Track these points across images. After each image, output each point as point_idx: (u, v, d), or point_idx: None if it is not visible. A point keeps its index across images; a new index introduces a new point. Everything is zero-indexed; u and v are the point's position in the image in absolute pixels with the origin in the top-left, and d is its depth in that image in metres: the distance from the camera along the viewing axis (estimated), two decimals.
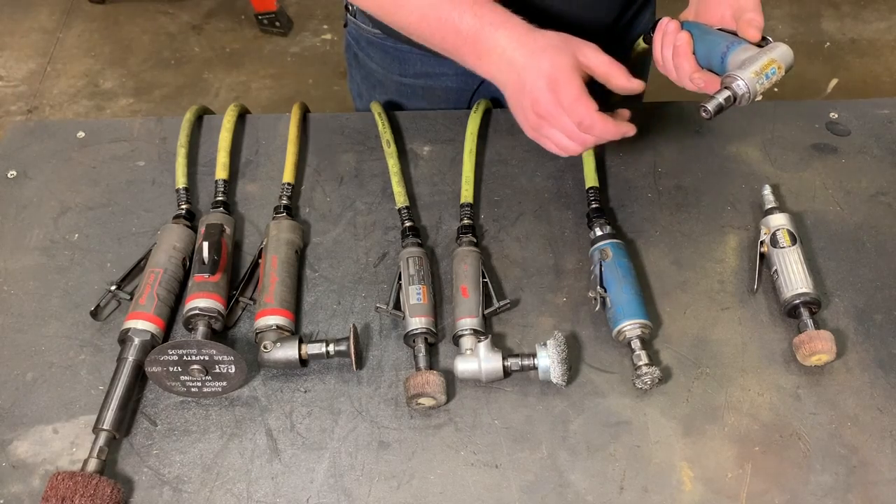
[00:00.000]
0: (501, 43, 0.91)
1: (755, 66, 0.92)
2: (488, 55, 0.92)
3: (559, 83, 0.89)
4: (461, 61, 0.97)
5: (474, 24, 0.91)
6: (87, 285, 1.06)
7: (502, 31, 0.91)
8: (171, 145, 1.22)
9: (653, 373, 0.91)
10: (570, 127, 0.91)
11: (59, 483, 0.83)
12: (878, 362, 0.95)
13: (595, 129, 0.90)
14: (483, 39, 0.91)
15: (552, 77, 0.89)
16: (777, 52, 0.94)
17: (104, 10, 3.41)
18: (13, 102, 3.03)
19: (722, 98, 0.93)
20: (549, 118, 0.91)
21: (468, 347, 0.94)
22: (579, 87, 0.89)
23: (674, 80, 1.04)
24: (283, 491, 0.87)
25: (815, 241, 1.08)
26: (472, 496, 0.86)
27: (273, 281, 1.00)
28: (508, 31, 0.91)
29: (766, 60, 0.93)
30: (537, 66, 0.89)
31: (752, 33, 0.96)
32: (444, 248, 1.09)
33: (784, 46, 0.95)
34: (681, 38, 1.00)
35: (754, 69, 0.92)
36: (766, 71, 0.92)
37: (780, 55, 0.94)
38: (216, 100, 2.98)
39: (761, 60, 0.93)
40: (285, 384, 0.96)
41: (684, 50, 1.00)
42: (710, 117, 0.94)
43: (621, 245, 1.03)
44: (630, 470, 0.87)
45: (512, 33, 0.91)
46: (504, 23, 0.92)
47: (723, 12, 1.01)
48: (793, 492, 0.85)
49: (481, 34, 0.91)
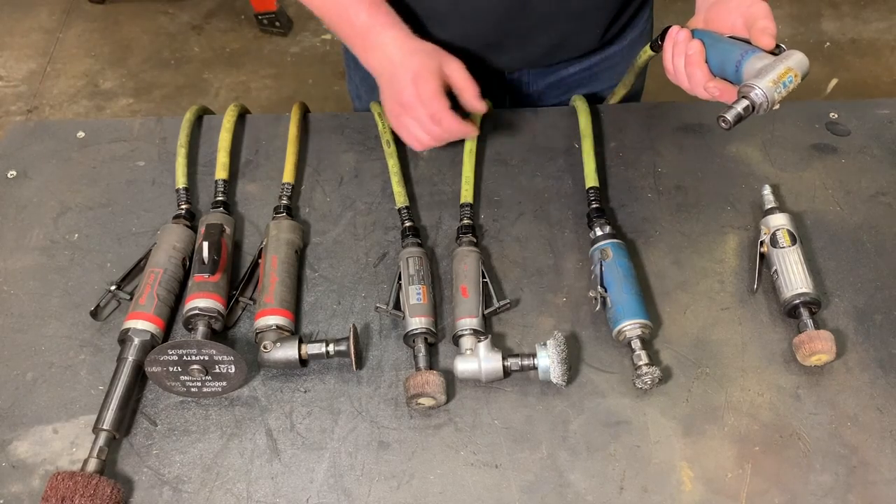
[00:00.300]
0: (386, 42, 1.06)
1: (772, 75, 0.91)
2: (373, 50, 1.07)
3: (421, 80, 1.03)
4: (350, 48, 1.12)
5: (367, 21, 1.06)
6: (87, 285, 1.06)
7: (389, 32, 1.06)
8: (171, 145, 1.22)
9: (653, 373, 0.91)
10: (425, 118, 1.04)
11: (59, 483, 0.83)
12: (878, 362, 0.95)
13: (443, 122, 1.04)
14: (372, 36, 1.06)
15: (417, 74, 1.03)
16: (793, 60, 0.93)
17: (104, 10, 3.41)
18: (13, 102, 3.03)
19: (741, 108, 0.92)
20: (409, 108, 1.04)
21: (468, 347, 0.94)
22: (437, 86, 1.03)
23: (686, 90, 1.04)
24: (283, 491, 0.87)
25: (815, 241, 1.08)
26: (472, 496, 0.86)
27: (273, 281, 1.00)
28: (394, 34, 1.06)
29: (783, 69, 0.92)
30: (409, 64, 1.04)
31: (766, 41, 0.95)
32: (444, 248, 1.09)
33: (799, 54, 0.94)
34: (693, 46, 0.99)
35: (772, 78, 0.91)
36: (783, 79, 0.92)
37: (797, 63, 0.93)
38: (216, 100, 2.98)
39: (778, 69, 0.92)
40: (285, 384, 0.96)
41: (697, 59, 0.99)
42: (730, 127, 0.93)
43: (621, 245, 1.03)
44: (630, 470, 0.87)
45: (396, 35, 1.06)
46: (392, 25, 1.07)
47: (734, 20, 1.00)
48: (793, 492, 0.85)
49: (371, 31, 1.06)
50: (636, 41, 1.33)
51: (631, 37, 1.32)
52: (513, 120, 1.27)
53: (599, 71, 1.33)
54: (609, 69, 1.33)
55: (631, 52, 1.33)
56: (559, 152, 1.21)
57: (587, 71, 1.32)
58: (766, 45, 0.96)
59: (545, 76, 1.32)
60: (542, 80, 1.32)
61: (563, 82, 1.33)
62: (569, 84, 1.34)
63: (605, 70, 1.33)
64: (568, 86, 1.34)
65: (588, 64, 1.31)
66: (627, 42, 1.32)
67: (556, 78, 1.33)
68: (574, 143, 1.21)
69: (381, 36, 1.06)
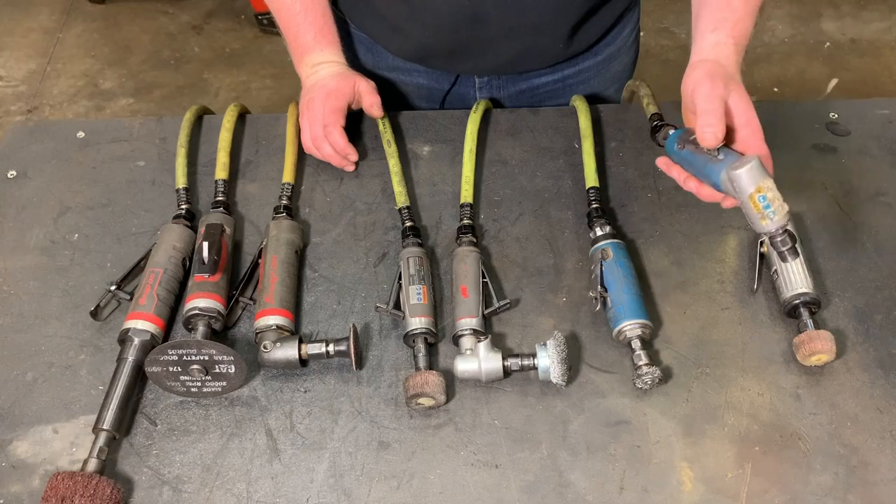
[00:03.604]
0: (320, 60, 1.21)
1: (748, 213, 0.86)
2: (307, 65, 1.22)
3: (332, 97, 1.17)
4: (289, 52, 1.25)
5: (311, 43, 1.21)
6: (87, 285, 1.06)
7: (325, 52, 1.21)
8: (171, 145, 1.22)
9: (653, 373, 0.91)
10: (318, 125, 1.17)
11: (58, 483, 0.83)
12: (878, 362, 0.95)
13: (331, 136, 1.16)
14: (311, 54, 1.21)
15: (330, 92, 1.18)
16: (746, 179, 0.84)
17: (104, 10, 3.41)
18: (13, 102, 3.03)
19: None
20: (312, 112, 1.17)
21: (468, 347, 0.94)
22: (342, 105, 1.18)
23: None
24: (283, 491, 0.87)
25: (815, 241, 1.08)
26: (472, 496, 0.86)
27: (273, 281, 1.00)
28: (328, 56, 1.21)
29: (747, 199, 0.85)
30: (328, 82, 1.18)
31: (706, 141, 0.88)
32: (444, 248, 1.09)
33: (746, 166, 0.84)
34: (675, 174, 0.98)
35: (750, 217, 0.86)
36: (759, 207, 0.85)
37: (751, 178, 0.84)
38: (216, 100, 2.98)
39: (745, 204, 0.85)
40: (285, 384, 0.96)
41: (688, 185, 0.97)
42: None
43: (621, 245, 1.03)
44: (630, 470, 0.87)
45: (329, 59, 1.21)
46: (330, 49, 1.22)
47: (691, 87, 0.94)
48: (793, 492, 0.85)
49: (312, 50, 1.21)
50: (613, 56, 1.33)
51: (608, 51, 1.32)
52: (513, 120, 1.27)
53: (573, 84, 1.34)
54: (582, 83, 1.34)
55: (607, 68, 1.33)
56: (559, 152, 1.21)
57: (560, 82, 1.33)
58: (707, 145, 0.88)
59: (516, 83, 1.33)
60: (512, 86, 1.33)
61: (535, 92, 1.34)
62: (540, 95, 1.35)
63: (578, 84, 1.34)
64: (539, 96, 1.35)
65: (560, 76, 1.32)
66: (603, 57, 1.32)
67: (527, 85, 1.33)
68: (574, 143, 1.21)
69: (318, 56, 1.21)
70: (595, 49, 1.30)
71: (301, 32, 1.21)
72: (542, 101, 1.35)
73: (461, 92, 1.34)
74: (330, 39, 1.22)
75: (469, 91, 1.34)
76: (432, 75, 1.31)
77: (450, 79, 1.32)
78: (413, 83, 1.33)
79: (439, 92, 1.34)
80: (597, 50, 1.30)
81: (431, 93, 1.34)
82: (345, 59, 1.24)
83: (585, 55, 1.30)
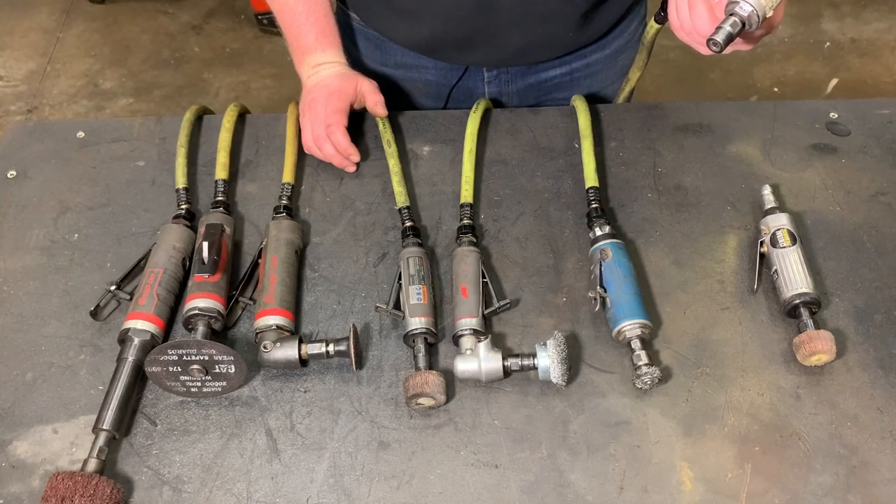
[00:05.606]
0: (321, 61, 1.22)
1: None
2: (308, 65, 1.22)
3: (334, 97, 1.18)
4: (290, 51, 1.25)
5: (313, 44, 1.22)
6: (87, 285, 1.06)
7: (327, 53, 1.22)
8: (171, 145, 1.22)
9: (653, 373, 0.91)
10: (320, 125, 1.17)
11: (58, 483, 0.83)
12: (878, 362, 0.95)
13: (333, 136, 1.17)
14: (312, 55, 1.22)
15: (332, 92, 1.19)
16: None
17: (104, 9, 3.41)
18: (13, 102, 3.03)
19: (728, 25, 0.87)
20: (314, 112, 1.18)
21: (468, 347, 0.94)
22: (344, 106, 1.18)
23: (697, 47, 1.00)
24: (283, 491, 0.87)
25: (815, 241, 1.08)
26: (472, 496, 0.86)
27: (273, 281, 1.00)
28: (329, 57, 1.22)
29: None
30: (330, 83, 1.20)
31: None
32: (444, 248, 1.09)
33: None
34: None
35: None
36: None
37: None
38: (216, 100, 2.98)
39: None
40: (285, 384, 0.96)
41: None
42: (721, 49, 0.88)
43: (621, 245, 1.03)
44: (630, 470, 0.87)
45: (331, 60, 1.22)
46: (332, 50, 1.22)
47: None
48: (793, 492, 0.85)
49: (313, 51, 1.22)
50: (621, 50, 1.33)
51: (616, 45, 1.32)
52: (513, 120, 1.27)
53: (581, 77, 1.34)
54: (590, 76, 1.34)
55: (614, 61, 1.33)
56: (559, 152, 1.21)
57: (568, 76, 1.33)
58: None
59: (525, 76, 1.33)
60: (521, 80, 1.33)
61: (543, 85, 1.34)
62: (548, 89, 1.35)
63: (585, 77, 1.34)
64: (547, 89, 1.35)
65: (568, 69, 1.32)
66: (611, 50, 1.32)
67: (535, 79, 1.33)
68: (574, 143, 1.21)
69: (320, 56, 1.22)
70: (603, 42, 1.30)
71: (303, 33, 1.21)
72: (551, 94, 1.34)
73: (469, 86, 1.33)
74: (332, 40, 1.23)
75: (477, 85, 1.33)
76: (440, 69, 1.31)
77: (458, 72, 1.31)
78: (419, 79, 1.33)
79: (445, 88, 1.34)
80: (605, 43, 1.30)
81: (437, 89, 1.34)
82: (346, 59, 1.24)
83: (593, 48, 1.30)
